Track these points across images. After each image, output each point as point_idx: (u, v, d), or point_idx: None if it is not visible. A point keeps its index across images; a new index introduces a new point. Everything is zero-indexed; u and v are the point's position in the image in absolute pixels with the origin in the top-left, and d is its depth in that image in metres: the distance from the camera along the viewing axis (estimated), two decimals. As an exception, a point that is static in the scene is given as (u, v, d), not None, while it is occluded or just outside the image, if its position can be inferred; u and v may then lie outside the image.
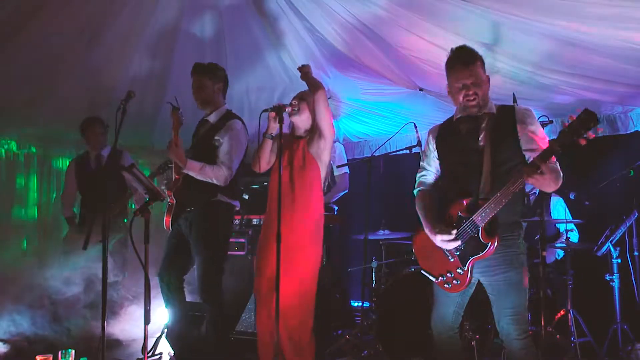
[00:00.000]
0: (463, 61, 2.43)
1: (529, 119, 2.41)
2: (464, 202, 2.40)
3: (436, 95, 4.65)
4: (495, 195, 2.27)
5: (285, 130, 3.17)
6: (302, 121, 3.24)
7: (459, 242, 2.39)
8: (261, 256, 3.22)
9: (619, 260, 3.83)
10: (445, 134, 2.60)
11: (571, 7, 3.02)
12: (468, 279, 2.42)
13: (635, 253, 3.83)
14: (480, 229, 2.34)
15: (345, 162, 4.78)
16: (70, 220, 4.78)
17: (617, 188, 3.89)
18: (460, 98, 2.45)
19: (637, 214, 3.77)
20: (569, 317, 3.73)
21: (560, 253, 4.26)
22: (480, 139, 2.43)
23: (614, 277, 3.81)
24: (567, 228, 4.09)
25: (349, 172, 4.75)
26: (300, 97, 3.26)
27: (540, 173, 2.16)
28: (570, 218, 4.32)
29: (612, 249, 3.81)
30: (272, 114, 3.04)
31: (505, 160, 2.38)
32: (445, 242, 2.41)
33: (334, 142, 4.86)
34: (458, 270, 2.44)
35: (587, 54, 3.49)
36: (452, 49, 2.51)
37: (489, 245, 2.33)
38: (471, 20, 3.39)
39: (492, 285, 2.42)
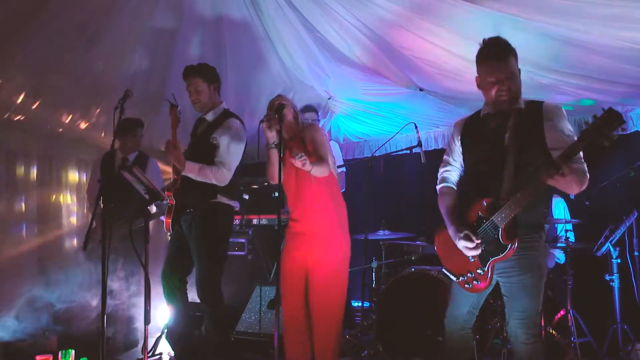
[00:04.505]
0: (498, 55, 2.35)
1: (556, 116, 2.33)
2: (484, 202, 2.35)
3: (436, 95, 4.65)
4: (515, 196, 2.22)
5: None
6: (287, 125, 3.19)
7: (479, 251, 2.34)
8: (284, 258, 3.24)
9: (619, 260, 3.82)
10: (471, 129, 2.53)
11: (571, 7, 3.02)
12: (489, 279, 2.38)
13: (635, 253, 3.83)
14: (500, 229, 2.29)
15: (342, 161, 4.78)
16: (93, 217, 4.72)
17: (617, 188, 3.89)
18: (493, 93, 2.36)
19: (637, 214, 3.77)
20: (569, 317, 3.73)
21: (562, 258, 4.23)
22: (505, 137, 2.35)
23: (613, 277, 3.81)
24: (567, 228, 4.09)
25: (345, 170, 4.75)
26: (279, 103, 3.19)
27: (561, 174, 2.06)
28: (569, 219, 4.31)
29: (611, 249, 3.81)
30: (264, 125, 3.03)
31: (530, 160, 2.30)
32: (468, 249, 2.36)
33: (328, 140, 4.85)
34: (478, 271, 2.40)
35: (587, 54, 3.49)
36: (484, 40, 2.42)
37: (509, 246, 2.29)
38: (471, 20, 3.39)
39: (505, 287, 2.40)
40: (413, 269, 3.97)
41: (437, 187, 2.64)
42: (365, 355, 3.92)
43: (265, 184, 4.78)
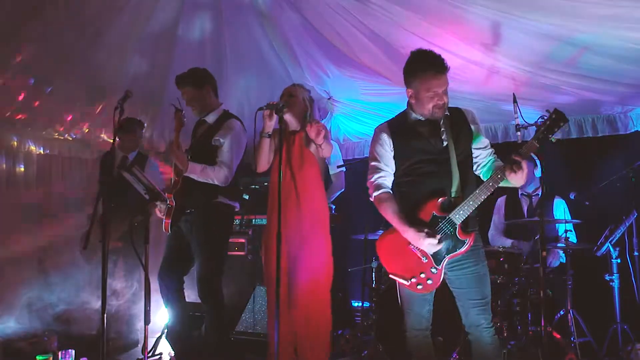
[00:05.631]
0: (438, 69, 2.45)
1: (476, 121, 2.58)
2: (438, 201, 2.42)
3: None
4: (474, 192, 2.36)
5: (276, 126, 3.16)
6: (294, 116, 3.25)
7: (441, 245, 2.40)
8: (267, 258, 3.23)
9: (619, 260, 3.82)
10: (402, 134, 2.57)
11: (571, 7, 3.02)
12: (441, 277, 2.45)
13: (635, 253, 3.83)
14: (457, 226, 2.38)
15: (342, 161, 4.77)
16: (93, 217, 4.71)
17: (617, 188, 3.89)
18: (430, 106, 2.46)
19: (636, 214, 3.77)
20: (569, 317, 3.73)
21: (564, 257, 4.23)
22: (443, 138, 2.49)
23: (613, 277, 3.81)
24: (567, 228, 4.09)
25: (345, 170, 4.75)
26: (289, 94, 3.27)
27: (522, 169, 2.28)
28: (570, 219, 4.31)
29: (611, 249, 3.81)
30: (267, 112, 3.04)
31: (467, 157, 2.51)
32: (433, 245, 2.38)
33: None
34: (432, 270, 2.45)
35: (587, 54, 3.49)
36: (415, 53, 2.52)
37: (467, 241, 2.39)
38: (471, 20, 3.39)
39: (460, 279, 2.47)
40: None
41: (374, 194, 2.59)
42: (365, 355, 3.92)
43: (265, 183, 4.78)
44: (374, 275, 4.27)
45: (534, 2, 3.11)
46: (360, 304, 4.60)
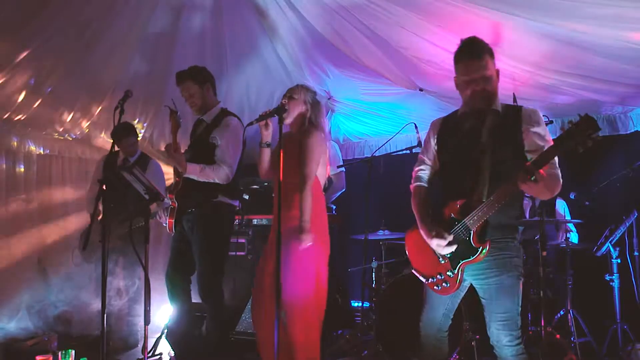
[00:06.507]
0: (472, 54, 2.33)
1: (535, 120, 2.32)
2: (457, 204, 2.34)
3: (436, 95, 4.65)
4: (489, 199, 2.21)
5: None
6: (294, 119, 3.23)
7: (453, 248, 2.33)
8: (264, 258, 3.21)
9: (619, 260, 3.82)
10: (447, 128, 2.52)
11: (571, 7, 3.02)
12: (458, 282, 2.36)
13: (635, 253, 3.83)
14: (472, 232, 2.28)
15: (341, 161, 4.77)
16: (92, 217, 4.71)
17: (617, 188, 3.89)
18: (468, 92, 2.35)
19: (637, 214, 3.77)
20: (569, 317, 3.73)
21: (575, 237, 4.20)
22: (482, 136, 2.34)
23: (613, 277, 3.81)
24: (568, 228, 4.10)
25: (344, 170, 4.75)
26: (290, 96, 3.24)
27: (534, 181, 2.07)
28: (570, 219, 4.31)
29: (611, 249, 3.81)
30: (262, 122, 3.01)
31: (506, 160, 2.28)
32: (441, 247, 2.35)
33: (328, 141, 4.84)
34: (448, 273, 2.38)
35: (587, 54, 3.49)
36: (461, 40, 2.40)
37: (480, 249, 2.27)
38: (471, 20, 3.39)
39: (483, 289, 2.36)
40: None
41: (412, 185, 2.62)
42: (365, 355, 3.92)
43: (266, 184, 4.79)
44: (374, 275, 4.27)
45: (534, 2, 3.11)
46: (360, 304, 4.60)
